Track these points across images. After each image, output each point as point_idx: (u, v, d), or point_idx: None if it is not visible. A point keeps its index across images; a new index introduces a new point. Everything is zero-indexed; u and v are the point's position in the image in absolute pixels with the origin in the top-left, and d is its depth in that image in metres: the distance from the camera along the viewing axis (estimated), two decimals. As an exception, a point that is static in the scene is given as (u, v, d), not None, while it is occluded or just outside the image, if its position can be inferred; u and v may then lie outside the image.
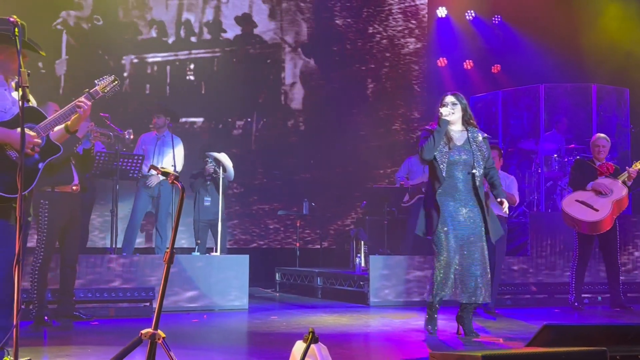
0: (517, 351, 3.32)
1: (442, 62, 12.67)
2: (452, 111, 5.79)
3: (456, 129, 5.88)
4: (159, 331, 3.59)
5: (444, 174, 5.71)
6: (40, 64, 9.96)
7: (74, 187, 6.31)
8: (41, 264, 6.26)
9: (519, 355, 3.24)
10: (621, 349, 3.60)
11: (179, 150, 8.70)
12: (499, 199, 5.94)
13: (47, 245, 6.26)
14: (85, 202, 7.71)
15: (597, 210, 7.52)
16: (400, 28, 12.66)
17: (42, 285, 6.30)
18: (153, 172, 7.46)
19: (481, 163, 5.77)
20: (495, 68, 12.53)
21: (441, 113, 5.76)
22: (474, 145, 5.81)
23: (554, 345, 3.48)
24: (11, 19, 3.67)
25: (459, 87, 12.22)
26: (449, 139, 5.81)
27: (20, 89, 3.60)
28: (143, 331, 3.59)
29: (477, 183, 5.75)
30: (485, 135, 5.96)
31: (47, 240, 6.25)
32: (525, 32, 11.93)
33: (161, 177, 7.93)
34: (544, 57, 11.00)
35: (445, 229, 5.68)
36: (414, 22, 12.76)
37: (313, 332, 3.36)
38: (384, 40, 12.53)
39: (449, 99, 5.88)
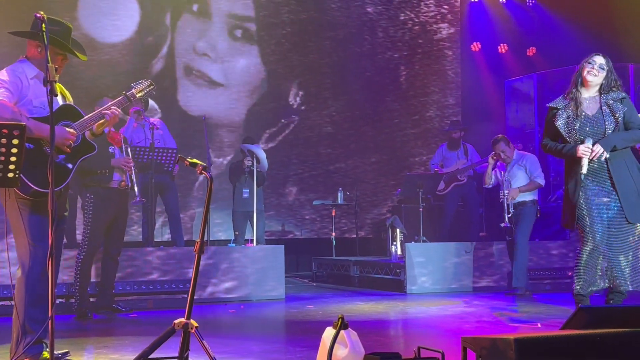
0: (551, 334, 3.26)
1: (476, 46, 12.52)
2: (596, 74, 5.03)
3: (590, 95, 5.11)
4: (192, 321, 3.62)
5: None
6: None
7: (122, 184, 6.42)
8: (84, 258, 6.39)
9: (552, 338, 3.19)
10: (658, 330, 3.53)
11: (167, 131, 8.55)
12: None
13: (92, 239, 6.38)
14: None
15: None
16: (432, 14, 12.54)
17: (85, 279, 6.43)
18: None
19: (613, 131, 4.99)
20: (531, 51, 12.33)
21: (582, 172, 4.95)
22: (607, 111, 5.02)
23: (589, 328, 3.42)
24: (38, 15, 3.73)
25: (494, 72, 12.12)
26: (577, 107, 5.07)
27: (48, 84, 3.64)
28: (176, 321, 3.63)
29: (608, 156, 4.96)
30: (624, 95, 5.09)
31: (91, 235, 6.37)
32: (559, 14, 11.71)
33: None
34: (579, 38, 10.79)
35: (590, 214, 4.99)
36: (446, 7, 12.63)
37: (342, 318, 3.36)
38: (416, 27, 12.42)
39: (599, 59, 5.07)
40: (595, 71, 5.03)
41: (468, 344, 3.36)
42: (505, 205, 7.79)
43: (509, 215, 7.79)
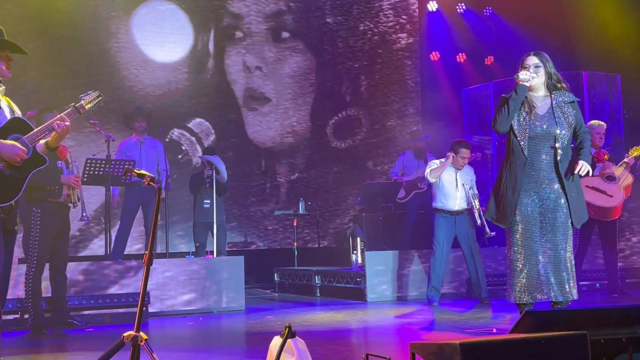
0: (496, 338, 3.30)
1: (434, 56, 12.65)
2: (533, 75, 4.95)
3: (539, 95, 5.05)
4: (141, 333, 3.60)
5: (524, 152, 4.95)
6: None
7: (68, 198, 6.38)
8: (34, 273, 6.32)
9: (497, 342, 3.22)
10: (604, 332, 3.58)
11: (162, 153, 8.71)
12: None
13: (40, 253, 6.32)
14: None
15: (611, 196, 7.34)
16: (391, 24, 12.65)
17: (36, 294, 6.35)
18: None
19: (566, 134, 4.95)
20: (489, 60, 12.48)
21: (517, 76, 4.91)
22: (559, 112, 4.98)
23: (536, 332, 3.47)
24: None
25: (453, 81, 12.25)
26: (530, 107, 5.01)
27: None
28: (125, 334, 3.61)
29: (559, 158, 4.94)
30: (574, 98, 5.07)
31: (39, 249, 6.30)
32: (516, 23, 11.88)
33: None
34: (536, 46, 10.91)
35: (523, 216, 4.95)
36: (404, 17, 12.75)
37: (289, 327, 3.36)
38: (376, 37, 12.52)
39: (532, 60, 5.01)
40: (533, 73, 5.00)
41: (416, 349, 3.38)
42: (478, 213, 7.76)
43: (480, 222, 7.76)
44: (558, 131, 4.94)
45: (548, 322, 3.63)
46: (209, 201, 8.95)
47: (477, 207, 7.80)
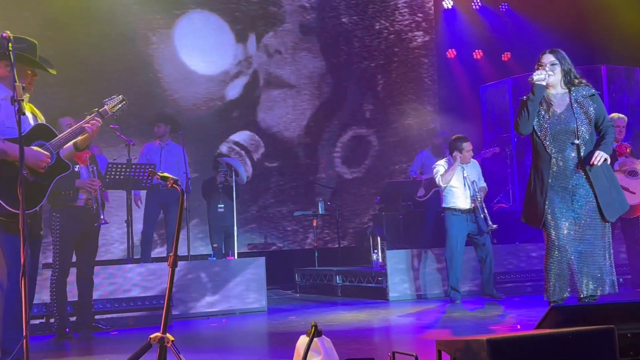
0: (523, 334, 3.29)
1: (451, 53, 12.61)
2: (550, 73, 4.93)
3: (557, 92, 5.03)
4: (168, 335, 3.62)
5: (548, 150, 4.93)
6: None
7: (88, 202, 6.40)
8: (58, 277, 6.36)
9: (524, 338, 3.21)
10: (631, 326, 3.56)
11: (183, 158, 8.73)
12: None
13: (62, 258, 6.36)
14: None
15: (633, 193, 7.13)
16: (407, 22, 12.64)
17: (61, 298, 6.39)
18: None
19: (587, 129, 4.92)
20: (506, 56, 12.44)
21: (532, 78, 4.89)
22: (578, 108, 4.95)
23: (562, 327, 3.45)
24: (4, 34, 3.73)
25: (469, 78, 12.21)
26: (549, 106, 5.01)
27: (18, 103, 3.64)
28: (152, 335, 3.63)
29: (582, 153, 4.90)
30: (594, 91, 5.03)
31: (60, 253, 6.35)
32: (532, 18, 11.83)
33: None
34: (553, 41, 10.84)
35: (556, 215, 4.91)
36: (420, 15, 12.73)
37: (316, 326, 3.37)
38: (392, 36, 12.51)
39: (547, 58, 4.99)
40: (549, 71, 4.97)
41: (442, 347, 3.38)
42: (481, 207, 7.72)
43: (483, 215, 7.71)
44: (578, 127, 4.91)
45: (574, 317, 3.62)
46: (222, 205, 9.01)
47: (480, 199, 7.71)
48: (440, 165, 7.84)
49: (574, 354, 3.22)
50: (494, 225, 7.64)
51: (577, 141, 4.90)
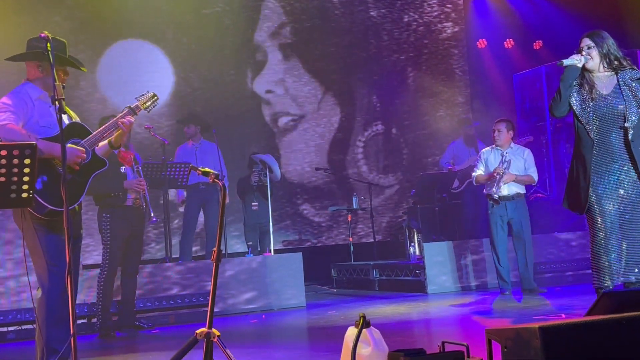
0: (575, 320, 3.22)
1: (482, 43, 12.47)
2: (588, 57, 4.82)
3: (600, 74, 4.86)
4: (214, 330, 3.61)
5: (590, 135, 4.77)
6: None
7: (136, 201, 6.45)
8: (106, 277, 6.41)
9: (577, 325, 3.15)
10: (684, 311, 3.48)
11: (218, 156, 8.73)
12: None
13: (112, 258, 6.41)
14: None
15: None
16: (436, 13, 12.53)
17: (107, 298, 6.44)
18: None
19: (636, 112, 4.74)
20: (537, 44, 12.25)
21: (561, 62, 4.82)
22: (627, 91, 4.77)
23: (614, 313, 3.38)
24: (42, 35, 3.75)
25: (501, 67, 12.07)
26: (591, 88, 4.84)
27: (57, 102, 3.65)
28: (198, 331, 3.63)
29: (630, 137, 4.71)
30: None
31: (111, 254, 6.39)
32: (564, 5, 11.65)
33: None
34: (585, 28, 10.67)
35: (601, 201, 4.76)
36: (449, 6, 12.62)
37: (364, 317, 3.34)
38: (421, 28, 12.41)
39: (585, 41, 4.88)
40: (587, 55, 4.85)
41: (492, 335, 3.33)
42: (497, 181, 7.39)
43: (497, 195, 7.49)
44: (626, 110, 4.72)
45: (626, 302, 3.54)
46: (256, 203, 9.03)
47: (502, 172, 7.37)
48: (482, 164, 7.67)
49: (627, 340, 3.14)
50: (497, 195, 7.43)
51: (625, 124, 4.72)
